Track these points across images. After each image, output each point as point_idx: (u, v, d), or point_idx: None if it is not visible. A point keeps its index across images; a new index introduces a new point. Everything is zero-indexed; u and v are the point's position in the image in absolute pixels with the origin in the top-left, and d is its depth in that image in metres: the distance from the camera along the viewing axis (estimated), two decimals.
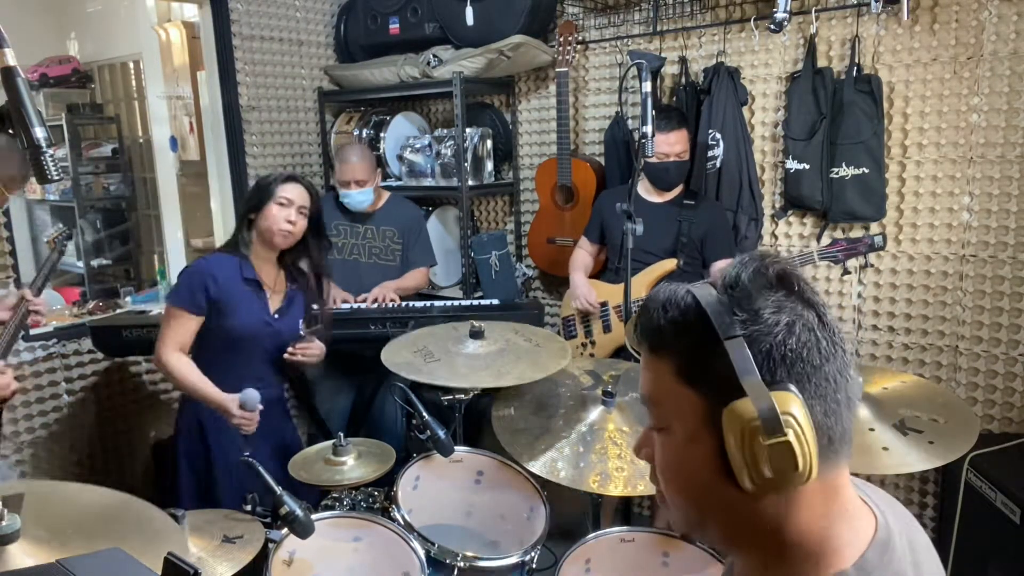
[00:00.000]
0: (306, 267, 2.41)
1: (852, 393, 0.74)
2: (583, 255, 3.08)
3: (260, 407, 2.14)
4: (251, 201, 2.31)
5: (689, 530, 0.81)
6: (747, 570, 0.80)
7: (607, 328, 2.94)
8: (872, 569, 0.73)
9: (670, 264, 2.80)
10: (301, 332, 2.36)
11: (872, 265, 2.74)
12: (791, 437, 0.68)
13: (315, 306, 2.43)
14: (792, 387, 0.70)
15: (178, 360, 2.21)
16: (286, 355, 2.32)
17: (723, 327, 0.71)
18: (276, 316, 2.32)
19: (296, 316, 2.38)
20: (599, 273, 3.11)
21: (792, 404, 0.69)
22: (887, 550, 0.75)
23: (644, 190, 2.89)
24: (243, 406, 2.12)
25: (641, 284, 2.76)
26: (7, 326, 2.15)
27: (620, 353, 2.89)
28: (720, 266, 2.71)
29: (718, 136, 2.91)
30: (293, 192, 2.27)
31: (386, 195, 3.24)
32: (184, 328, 2.22)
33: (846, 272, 2.65)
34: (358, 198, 3.07)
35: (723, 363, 0.70)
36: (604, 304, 2.93)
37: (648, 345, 0.78)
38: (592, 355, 2.98)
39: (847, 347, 0.75)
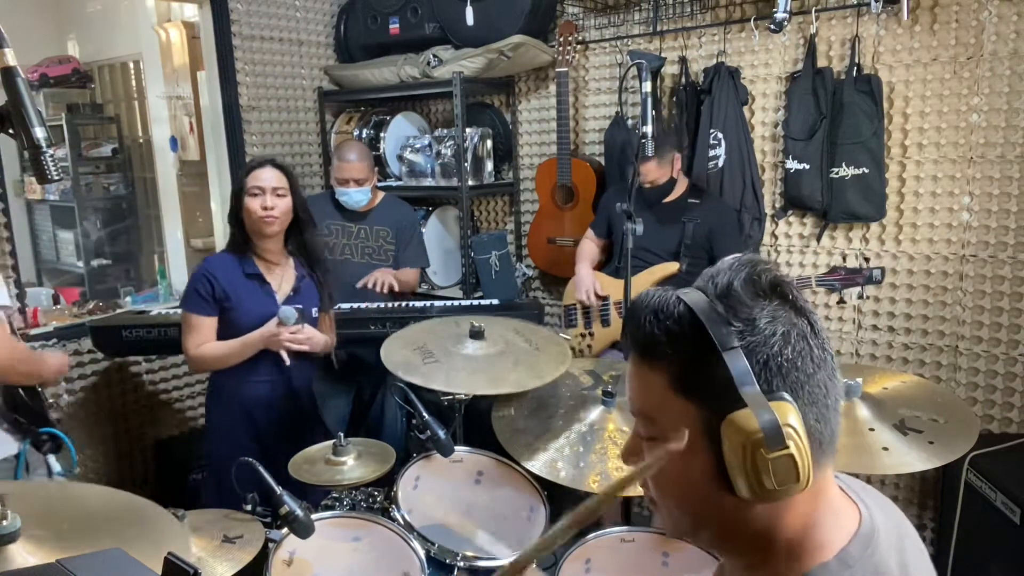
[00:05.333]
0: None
1: (840, 395, 0.76)
2: (591, 246, 3.10)
3: (297, 319, 2.21)
4: (233, 199, 2.32)
5: (680, 535, 0.83)
6: (734, 570, 0.82)
7: (606, 323, 2.97)
8: (854, 561, 0.74)
9: (672, 267, 2.81)
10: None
11: (869, 297, 2.74)
12: (793, 449, 0.68)
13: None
14: (787, 396, 0.70)
15: (205, 348, 2.27)
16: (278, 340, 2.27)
17: (721, 338, 0.70)
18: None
19: (309, 303, 2.36)
20: (602, 268, 3.12)
21: (790, 414, 0.69)
22: (870, 543, 0.76)
23: None
24: (282, 324, 2.19)
25: (642, 284, 2.76)
26: None
27: (616, 346, 2.97)
28: None
29: (719, 136, 2.91)
30: (262, 178, 2.25)
31: (381, 195, 3.24)
32: (202, 331, 2.27)
33: (841, 301, 2.66)
34: (356, 196, 3.07)
35: (720, 373, 0.70)
36: (605, 299, 2.96)
37: (638, 353, 0.77)
38: (590, 346, 3.03)
39: (833, 352, 0.76)
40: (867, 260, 2.78)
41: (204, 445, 2.45)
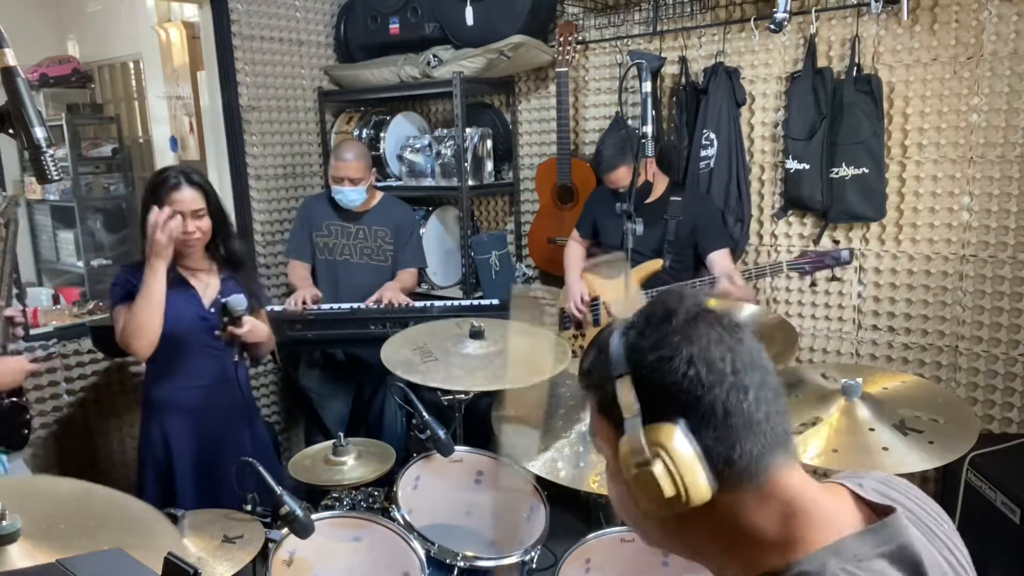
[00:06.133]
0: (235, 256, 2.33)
1: (754, 414, 0.75)
2: (578, 249, 3.11)
3: (243, 311, 2.14)
4: (144, 214, 2.17)
5: (644, 541, 0.88)
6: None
7: (597, 323, 2.98)
8: (848, 553, 0.73)
9: (656, 264, 2.83)
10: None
11: (839, 279, 2.74)
12: (656, 467, 0.74)
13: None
14: (679, 419, 0.74)
15: (123, 321, 2.16)
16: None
17: (614, 366, 0.78)
18: (212, 310, 2.25)
19: None
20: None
21: (665, 436, 0.74)
22: (871, 540, 0.75)
23: None
24: (230, 312, 2.12)
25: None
26: None
27: None
28: (721, 263, 2.73)
29: (712, 136, 2.92)
30: (181, 201, 2.15)
31: (379, 195, 3.24)
32: None
33: (813, 284, 2.66)
34: (350, 196, 3.06)
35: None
36: (595, 299, 2.96)
37: (582, 383, 0.86)
38: (582, 347, 3.03)
39: (752, 370, 0.76)
40: (832, 271, 2.74)
41: (141, 456, 2.34)
